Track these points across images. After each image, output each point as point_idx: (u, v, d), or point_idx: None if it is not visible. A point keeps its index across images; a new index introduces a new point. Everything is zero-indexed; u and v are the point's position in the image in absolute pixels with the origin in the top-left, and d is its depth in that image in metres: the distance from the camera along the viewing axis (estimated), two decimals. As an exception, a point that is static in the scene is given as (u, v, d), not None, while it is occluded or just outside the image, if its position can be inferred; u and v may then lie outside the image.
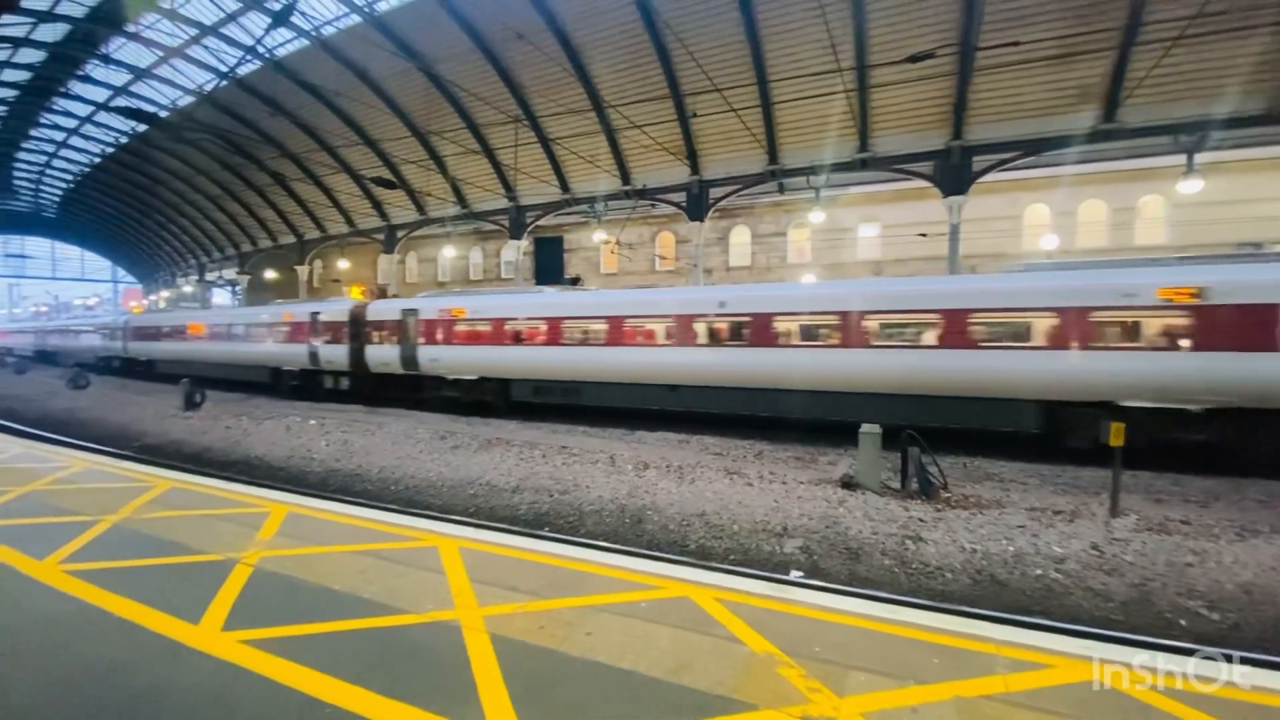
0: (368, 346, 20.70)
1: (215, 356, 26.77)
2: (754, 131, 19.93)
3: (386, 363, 20.29)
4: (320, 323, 21.94)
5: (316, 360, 22.11)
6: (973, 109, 18.21)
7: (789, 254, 27.92)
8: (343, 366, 21.37)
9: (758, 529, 8.32)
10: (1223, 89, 15.84)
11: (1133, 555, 7.07)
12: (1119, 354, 11.12)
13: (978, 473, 11.01)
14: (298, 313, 23.12)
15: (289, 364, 23.31)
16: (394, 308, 20.56)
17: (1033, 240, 23.04)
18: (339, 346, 21.36)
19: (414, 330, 19.49)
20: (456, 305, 18.89)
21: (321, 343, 21.86)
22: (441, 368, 18.99)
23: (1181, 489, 9.92)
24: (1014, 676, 3.29)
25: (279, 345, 23.56)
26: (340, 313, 21.54)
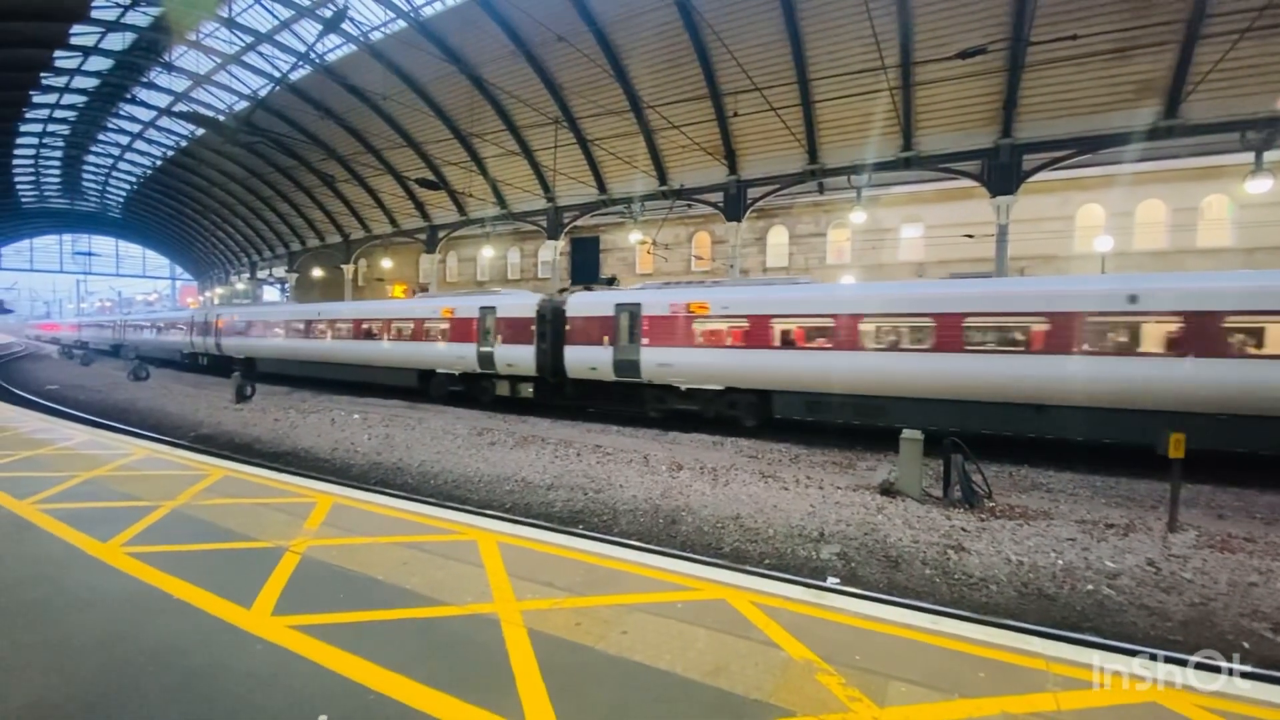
0: (567, 348, 17.40)
1: (341, 356, 23.74)
2: (794, 131, 19.66)
3: (593, 367, 16.95)
4: (498, 319, 18.74)
5: (489, 363, 18.89)
6: (1023, 106, 17.58)
7: (828, 255, 27.47)
8: (526, 371, 18.25)
9: (794, 534, 8.20)
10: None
11: (1192, 573, 6.73)
12: None
13: (1025, 482, 10.64)
14: (463, 306, 19.81)
15: (448, 366, 20.15)
16: (604, 301, 17.24)
17: (1085, 242, 22.11)
18: (522, 348, 18.15)
19: (634, 328, 16.22)
20: (696, 299, 15.54)
21: (499, 342, 18.59)
22: (674, 375, 15.69)
23: (1245, 504, 9.41)
24: (1066, 695, 3.16)
25: (435, 345, 20.37)
26: (524, 307, 18.46)
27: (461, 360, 19.75)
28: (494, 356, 18.86)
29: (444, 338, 20.21)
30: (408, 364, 21.50)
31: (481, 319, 19.18)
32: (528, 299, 18.95)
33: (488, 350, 19.05)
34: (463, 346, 19.62)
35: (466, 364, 19.64)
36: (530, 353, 18.20)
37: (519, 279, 35.75)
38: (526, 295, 19.69)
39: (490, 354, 18.97)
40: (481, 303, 19.45)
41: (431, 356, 20.70)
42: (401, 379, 21.86)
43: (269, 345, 27.52)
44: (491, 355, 18.94)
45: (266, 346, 27.65)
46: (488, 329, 19.03)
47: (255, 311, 29.38)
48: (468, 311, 19.58)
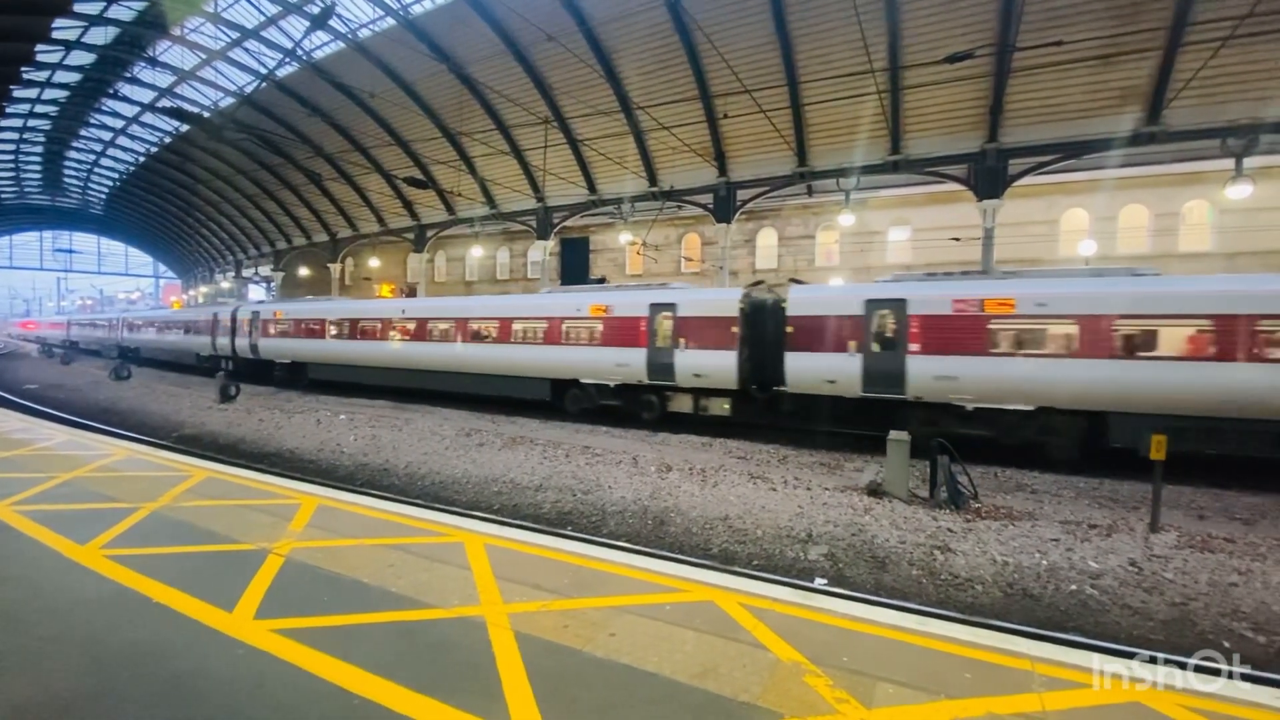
0: (790, 354, 13.97)
1: (438, 362, 19.79)
2: (783, 133, 19.74)
3: (830, 380, 13.50)
4: (680, 319, 15.23)
5: (665, 372, 15.35)
6: (1009, 111, 17.77)
7: (816, 257, 27.63)
8: (721, 382, 14.78)
9: (781, 535, 8.23)
10: (1275, 91, 15.22)
11: (1173, 573, 6.83)
12: None
13: (1009, 484, 10.75)
14: (624, 303, 16.22)
15: (600, 376, 16.47)
16: (847, 297, 14.03)
17: (1070, 246, 22.40)
18: (718, 354, 14.59)
19: (897, 331, 12.97)
20: (995, 294, 12.29)
21: (685, 347, 15.04)
22: (959, 390, 12.28)
23: (1225, 505, 9.56)
24: (1051, 695, 3.18)
25: (579, 350, 16.81)
26: (721, 303, 15.12)
27: (622, 369, 15.99)
28: (673, 365, 15.18)
29: (594, 341, 16.55)
30: (537, 372, 17.60)
31: (653, 319, 15.63)
32: (726, 294, 15.62)
33: (663, 357, 15.36)
34: (624, 352, 15.93)
35: (629, 373, 15.91)
36: (730, 361, 14.54)
37: (507, 279, 35.62)
38: (721, 289, 16.80)
39: (667, 362, 15.28)
40: (653, 298, 15.91)
41: (575, 363, 16.90)
42: (525, 390, 17.91)
43: (330, 349, 23.26)
44: (669, 364, 15.24)
45: (327, 350, 23.42)
46: (663, 330, 15.45)
47: (310, 309, 24.77)
48: (631, 309, 15.99)
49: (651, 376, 15.71)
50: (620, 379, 16.24)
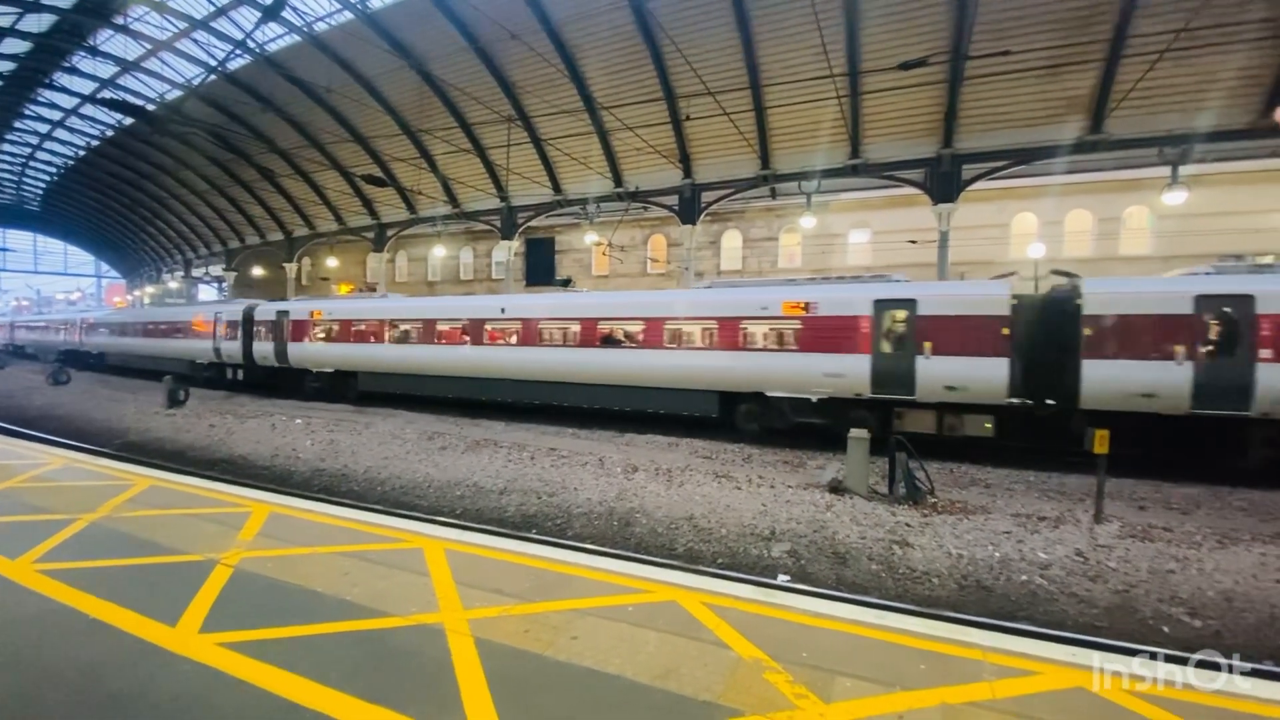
0: (1088, 362, 11.34)
1: (549, 371, 16.70)
2: (746, 136, 19.97)
3: (1149, 394, 11.00)
4: (923, 318, 12.54)
5: (900, 383, 12.63)
6: (963, 118, 18.36)
7: (780, 258, 28.03)
8: (989, 396, 12.00)
9: (746, 533, 8.31)
10: (1207, 103, 16.10)
11: (1116, 562, 7.13)
12: None
13: (965, 478, 11.08)
14: (838, 300, 13.48)
15: (798, 388, 13.58)
16: (1171, 292, 11.34)
17: (1020, 248, 23.25)
18: (985, 361, 11.92)
19: (1250, 335, 10.65)
20: None
21: (929, 353, 12.33)
22: None
23: (1163, 495, 10.04)
24: (1001, 683, 3.29)
25: (769, 355, 14.05)
26: (984, 300, 12.37)
27: (833, 380, 13.24)
28: (912, 374, 12.54)
29: (790, 345, 13.84)
30: (701, 384, 14.75)
31: (879, 318, 13.00)
32: (987, 288, 12.99)
33: (897, 365, 12.73)
34: (837, 359, 13.21)
35: (842, 385, 13.20)
36: (1000, 370, 11.84)
37: (472, 280, 35.11)
38: (976, 282, 14.36)
39: (903, 371, 12.64)
40: (880, 293, 13.22)
41: (760, 373, 14.05)
42: (682, 404, 15.00)
43: (395, 355, 19.65)
44: (907, 373, 12.60)
45: (389, 357, 19.80)
46: (896, 332, 12.89)
47: (365, 308, 20.94)
48: (847, 306, 13.31)
49: (877, 389, 12.89)
50: (828, 392, 13.37)
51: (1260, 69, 15.54)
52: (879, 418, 12.89)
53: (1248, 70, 15.60)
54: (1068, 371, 11.64)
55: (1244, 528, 8.32)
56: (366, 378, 20.57)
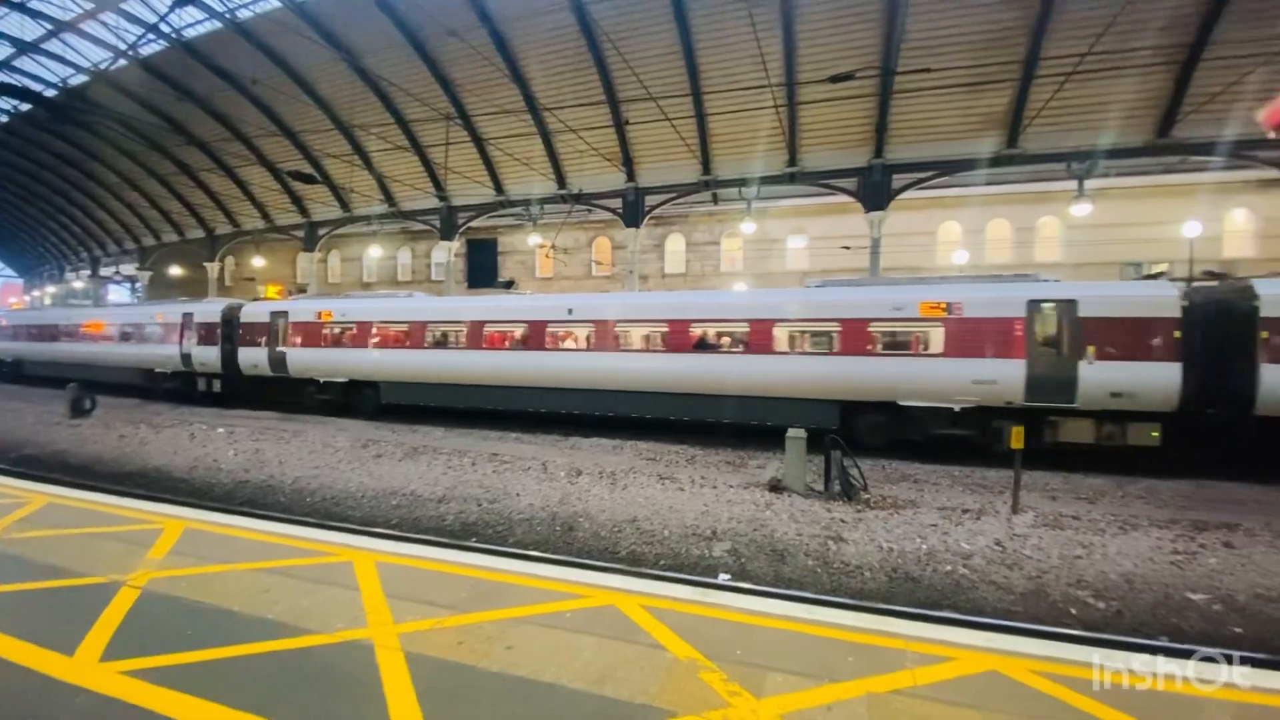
0: (1268, 366, 10.75)
1: (625, 379, 14.97)
2: (688, 142, 20.25)
3: None
4: (1085, 320, 11.72)
5: (1064, 390, 11.67)
6: (893, 130, 19.22)
7: (722, 262, 28.55)
8: (1159, 404, 11.35)
9: (688, 533, 8.39)
10: (1108, 122, 17.45)
11: (1030, 550, 7.59)
12: None
13: (895, 474, 11.55)
14: (985, 300, 12.53)
15: (940, 396, 12.47)
16: None
17: (945, 255, 24.54)
18: (1156, 366, 11.26)
19: None
20: None
21: (1095, 357, 11.54)
22: None
23: (1073, 486, 10.77)
24: (921, 670, 3.44)
25: (905, 360, 12.92)
26: (1153, 301, 11.69)
27: (982, 387, 12.09)
28: (1074, 381, 11.57)
29: (928, 350, 12.65)
30: (820, 393, 13.32)
31: (1032, 320, 12.01)
32: (1155, 289, 12.15)
33: (1057, 371, 11.75)
34: (987, 365, 12.11)
35: (992, 393, 12.07)
36: (1172, 376, 11.13)
37: (410, 281, 34.08)
38: (1138, 282, 13.24)
39: (1064, 378, 11.67)
40: (1033, 293, 12.26)
41: (893, 380, 12.81)
42: (795, 415, 12.62)
43: (433, 363, 17.17)
44: (1069, 379, 11.62)
45: (425, 364, 17.27)
46: (1052, 336, 11.89)
47: (392, 308, 18.43)
48: (997, 307, 12.25)
49: (1033, 396, 11.94)
50: (975, 400, 12.31)
51: (1154, 92, 16.97)
52: (1028, 428, 10.64)
53: (1143, 93, 17.01)
54: (1242, 378, 11.03)
55: (1142, 515, 9.02)
56: (392, 388, 17.88)
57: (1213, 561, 7.18)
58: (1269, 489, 10.55)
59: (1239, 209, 22.30)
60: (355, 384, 18.54)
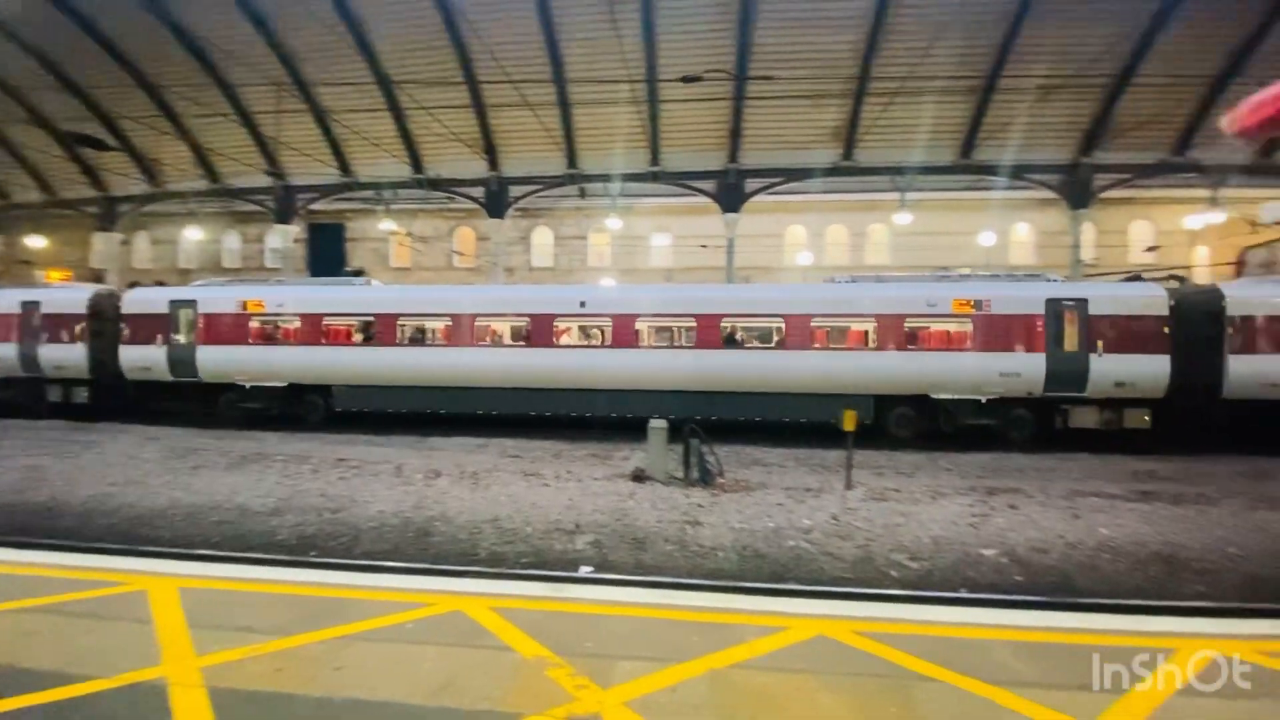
0: (1234, 357, 12.80)
1: (646, 377, 14.31)
2: (552, 133, 20.02)
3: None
4: (1095, 317, 13.01)
5: (1076, 381, 13.03)
6: (746, 136, 20.42)
7: (589, 257, 28.63)
8: (1152, 391, 12.91)
9: (551, 528, 8.28)
10: (923, 142, 19.89)
11: (860, 521, 8.43)
12: None
13: (748, 459, 12.26)
14: (1010, 298, 13.50)
15: (969, 389, 13.32)
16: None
17: (791, 257, 26.61)
18: (1151, 359, 12.78)
19: None
20: None
21: (1104, 351, 12.87)
22: None
23: (895, 463, 12.12)
24: (759, 642, 3.65)
25: (938, 356, 13.65)
26: (1145, 301, 13.22)
27: (1007, 380, 13.15)
28: (1086, 373, 12.94)
29: (959, 345, 13.45)
30: (855, 388, 13.57)
31: (1051, 318, 13.13)
32: (1149, 291, 13.51)
33: (1071, 364, 12.97)
34: (1012, 358, 13.12)
35: (1015, 385, 13.14)
36: (1162, 367, 12.75)
37: (240, 268, 30.33)
38: (1135, 285, 14.19)
39: (1077, 370, 12.97)
40: (1050, 292, 13.36)
41: (927, 374, 13.51)
42: (827, 411, 12.45)
43: (412, 361, 15.23)
44: (1080, 371, 12.95)
45: (404, 364, 15.23)
46: (1067, 331, 13.05)
47: (353, 298, 16.09)
48: (1021, 305, 13.28)
49: (1051, 387, 13.05)
50: (1000, 391, 13.19)
51: (958, 119, 19.62)
52: (1039, 417, 13.29)
53: (950, 119, 19.60)
54: (1214, 367, 12.81)
55: (949, 485, 10.38)
56: (349, 393, 15.42)
57: (1000, 521, 8.43)
58: (1044, 458, 12.63)
59: (1022, 223, 26.51)
60: (297, 389, 15.64)
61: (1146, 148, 19.95)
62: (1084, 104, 19.14)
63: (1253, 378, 12.80)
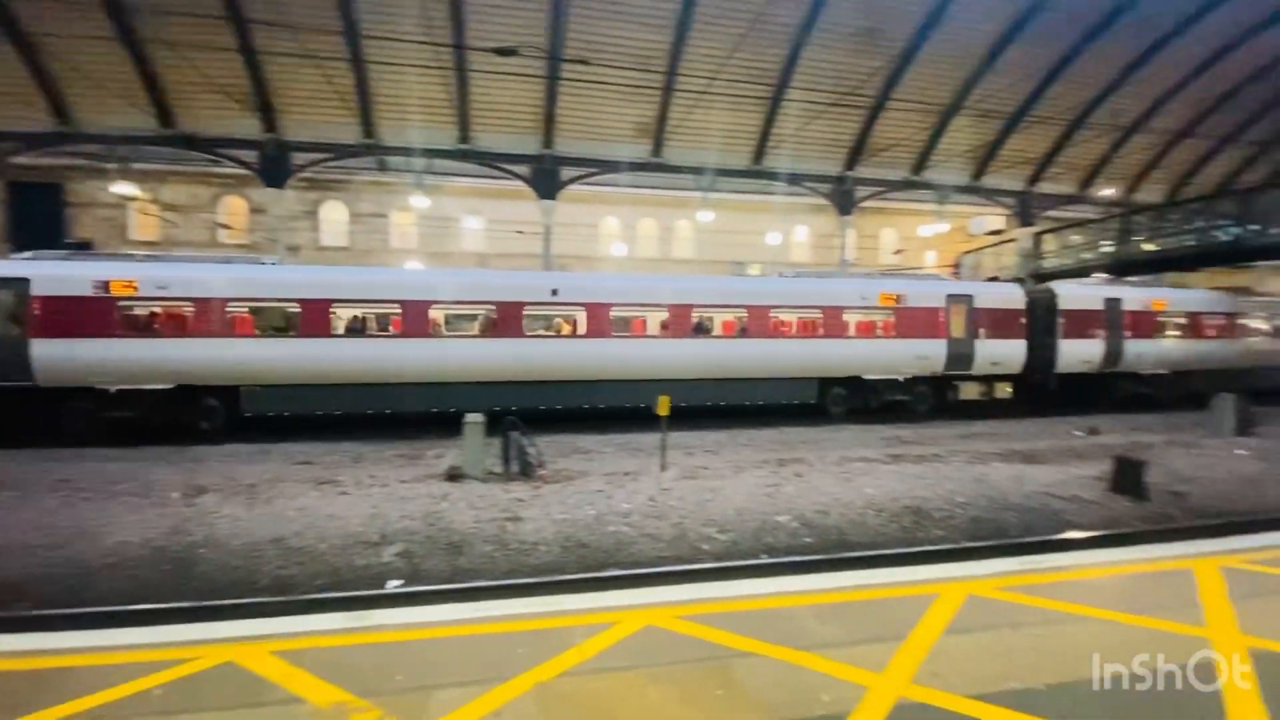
0: (1064, 341, 17.15)
1: (618, 368, 14.19)
2: (345, 96, 17.84)
3: (1087, 360, 17.51)
4: (979, 310, 16.32)
5: (966, 362, 16.30)
6: (561, 123, 20.22)
7: (392, 237, 26.29)
8: (1014, 368, 16.84)
9: (352, 542, 7.41)
10: (722, 145, 21.51)
11: (675, 500, 8.85)
12: None
13: (568, 448, 12.26)
14: (920, 293, 16.25)
15: (891, 370, 15.97)
16: (1099, 294, 17.85)
17: (607, 247, 27.19)
18: (1013, 343, 16.65)
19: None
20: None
21: (985, 337, 16.29)
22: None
23: (704, 442, 13.01)
24: (587, 643, 3.55)
25: (869, 342, 15.97)
26: (1011, 296, 17.13)
27: (919, 362, 16.04)
28: (973, 354, 16.24)
29: (881, 332, 15.96)
30: (804, 371, 15.42)
31: (949, 310, 16.10)
32: (1010, 288, 17.57)
33: (963, 348, 16.15)
34: (924, 344, 16.00)
35: (925, 366, 16.07)
36: (1021, 349, 16.79)
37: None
38: (1000, 284, 17.78)
39: (968, 351, 16.21)
40: (949, 289, 16.69)
41: (861, 358, 15.84)
42: (781, 393, 15.45)
43: (351, 356, 13.46)
44: (970, 352, 16.22)
45: (341, 358, 13.34)
46: (959, 321, 16.12)
47: (270, 279, 13.46)
48: (929, 299, 16.20)
49: (949, 367, 15.94)
50: (914, 372, 15.81)
51: (752, 127, 21.52)
52: (935, 391, 16.27)
53: (745, 126, 21.43)
54: (1050, 349, 16.79)
55: (748, 460, 11.41)
56: (261, 395, 13.01)
57: (790, 489, 9.45)
58: (821, 430, 14.52)
59: (801, 226, 30.10)
60: (188, 392, 12.68)
61: (894, 166, 23.88)
62: (849, 124, 22.24)
63: (1074, 356, 17.13)
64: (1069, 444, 12.99)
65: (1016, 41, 20.21)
